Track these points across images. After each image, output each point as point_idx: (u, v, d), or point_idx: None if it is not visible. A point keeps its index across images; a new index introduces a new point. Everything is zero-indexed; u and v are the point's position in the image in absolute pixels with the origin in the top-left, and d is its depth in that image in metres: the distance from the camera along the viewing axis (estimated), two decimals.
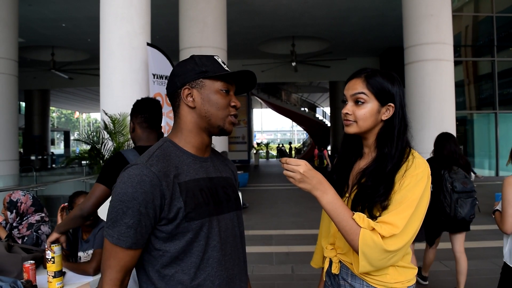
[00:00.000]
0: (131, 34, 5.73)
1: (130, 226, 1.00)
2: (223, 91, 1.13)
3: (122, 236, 1.00)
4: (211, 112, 1.12)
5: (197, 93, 1.12)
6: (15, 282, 1.67)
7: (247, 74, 1.17)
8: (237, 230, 1.21)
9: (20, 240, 2.69)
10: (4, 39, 9.95)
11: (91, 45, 14.92)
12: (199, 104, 1.12)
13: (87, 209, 1.96)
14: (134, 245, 1.02)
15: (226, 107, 1.13)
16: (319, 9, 13.37)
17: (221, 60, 1.17)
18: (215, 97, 1.12)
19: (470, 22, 14.50)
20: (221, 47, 10.15)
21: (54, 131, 35.61)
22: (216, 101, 1.12)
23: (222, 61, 1.17)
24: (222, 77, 1.13)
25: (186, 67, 1.14)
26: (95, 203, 1.95)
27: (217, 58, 1.16)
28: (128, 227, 1.00)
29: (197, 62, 1.13)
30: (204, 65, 1.13)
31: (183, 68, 1.14)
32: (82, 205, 1.97)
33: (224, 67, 1.14)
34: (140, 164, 1.04)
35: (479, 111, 14.88)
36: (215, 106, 1.12)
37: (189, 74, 1.12)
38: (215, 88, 1.12)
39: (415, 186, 1.18)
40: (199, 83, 1.12)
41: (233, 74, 1.14)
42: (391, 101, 1.27)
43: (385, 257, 1.14)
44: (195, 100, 1.13)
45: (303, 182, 1.17)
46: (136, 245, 1.02)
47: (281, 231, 6.25)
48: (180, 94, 1.14)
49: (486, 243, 5.22)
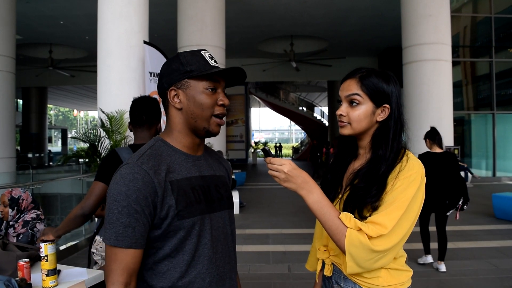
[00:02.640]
0: (129, 32, 5.72)
1: (127, 225, 0.99)
2: (209, 90, 1.11)
3: (120, 236, 0.99)
4: (196, 113, 1.11)
5: (183, 94, 1.10)
6: (9, 280, 1.67)
7: (235, 69, 1.14)
8: (228, 228, 1.21)
9: (15, 238, 2.68)
10: (2, 36, 9.91)
11: (89, 43, 14.86)
12: (186, 105, 1.11)
13: (88, 207, 1.95)
14: (134, 244, 1.01)
15: (211, 106, 1.11)
16: (318, 9, 13.37)
17: (209, 54, 1.14)
18: (200, 97, 1.10)
19: (468, 22, 14.53)
20: (220, 46, 10.14)
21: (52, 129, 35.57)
22: (200, 101, 1.10)
23: (210, 55, 1.14)
24: (207, 76, 1.11)
25: (171, 67, 1.12)
26: (96, 200, 1.95)
27: (204, 53, 1.13)
28: (125, 227, 0.99)
29: (182, 61, 1.11)
30: (189, 63, 1.10)
31: (168, 68, 1.12)
32: (82, 204, 1.96)
33: (210, 63, 1.11)
34: (131, 163, 1.04)
35: (476, 112, 14.91)
36: (200, 107, 1.10)
37: (174, 74, 1.11)
38: (200, 88, 1.10)
39: (407, 187, 1.16)
40: (184, 84, 1.11)
41: (217, 73, 1.11)
42: (387, 102, 1.25)
43: (372, 258, 1.12)
44: (181, 101, 1.11)
45: (288, 182, 1.16)
46: (136, 244, 1.01)
47: (278, 230, 6.25)
48: (167, 95, 1.13)
49: (483, 243, 5.23)
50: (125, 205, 0.99)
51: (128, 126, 2.27)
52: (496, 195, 6.92)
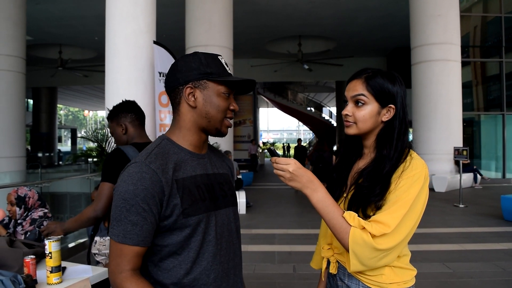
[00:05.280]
0: (137, 33, 5.75)
1: (135, 223, 1.01)
2: (225, 95, 1.14)
3: (128, 234, 1.02)
4: (211, 114, 1.13)
5: (200, 94, 1.12)
6: (15, 276, 1.69)
7: (248, 81, 1.18)
8: (233, 225, 1.23)
9: (23, 236, 2.72)
10: (12, 37, 10.06)
11: (98, 43, 14.96)
12: (201, 104, 1.13)
13: (101, 210, 1.96)
14: (141, 242, 1.03)
15: (225, 110, 1.15)
16: (325, 9, 13.34)
17: (224, 61, 1.17)
18: (217, 99, 1.13)
19: (478, 22, 14.39)
20: (227, 46, 10.17)
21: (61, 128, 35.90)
22: (217, 103, 1.13)
23: (225, 62, 1.17)
24: (226, 82, 1.14)
25: (190, 65, 1.13)
26: (107, 202, 1.95)
27: (221, 59, 1.16)
28: (133, 225, 1.01)
29: (203, 62, 1.13)
30: (209, 66, 1.12)
31: (187, 65, 1.13)
32: (95, 207, 1.97)
33: (227, 70, 1.15)
34: (139, 162, 1.06)
35: (486, 113, 14.77)
36: (216, 109, 1.13)
37: (193, 72, 1.12)
38: (218, 91, 1.13)
39: (410, 187, 1.17)
40: (203, 84, 1.13)
41: (237, 82, 1.15)
42: (392, 102, 1.26)
43: (375, 256, 1.14)
44: (197, 100, 1.13)
45: (293, 181, 1.19)
46: (143, 242, 1.03)
47: (284, 231, 6.25)
48: (181, 91, 1.14)
49: (490, 246, 5.18)
50: (133, 204, 1.01)
51: (122, 128, 2.23)
52: (505, 197, 6.83)
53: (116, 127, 2.23)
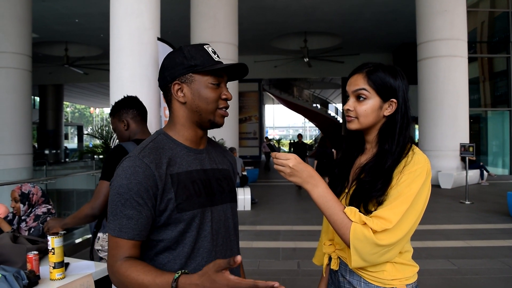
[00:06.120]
0: (141, 30, 5.76)
1: (130, 217, 1.01)
2: (213, 85, 1.12)
3: (123, 228, 1.02)
4: (201, 107, 1.12)
5: (187, 88, 1.11)
6: (18, 272, 1.70)
7: (238, 64, 1.15)
8: (230, 221, 1.21)
9: (27, 232, 2.74)
10: (18, 34, 10.11)
11: (104, 40, 14.98)
12: (190, 99, 1.12)
13: (98, 208, 1.97)
14: (137, 236, 1.03)
15: (216, 100, 1.12)
16: (331, 5, 13.28)
17: (212, 49, 1.15)
18: (205, 91, 1.11)
19: (485, 18, 14.24)
20: (233, 43, 10.16)
21: (68, 125, 36.08)
22: (206, 95, 1.11)
23: (212, 50, 1.15)
24: (212, 71, 1.11)
25: (175, 60, 1.12)
26: (105, 200, 1.95)
27: (207, 48, 1.14)
28: (128, 219, 1.01)
29: (186, 55, 1.10)
30: (193, 58, 1.10)
31: (171, 61, 1.12)
32: (92, 204, 1.98)
33: (214, 58, 1.12)
34: (133, 156, 1.06)
35: (493, 109, 14.63)
36: (205, 101, 1.11)
37: (178, 68, 1.11)
38: (205, 83, 1.11)
39: (412, 182, 1.16)
40: (189, 78, 1.11)
41: (221, 69, 1.12)
42: (394, 97, 1.25)
43: (377, 252, 1.13)
44: (185, 95, 1.12)
45: (293, 176, 1.18)
46: (139, 236, 1.03)
47: (289, 227, 6.25)
48: (170, 88, 1.13)
49: (496, 242, 5.14)
50: (127, 198, 1.01)
51: (124, 124, 2.22)
52: (511, 194, 6.78)
53: (118, 123, 2.23)
